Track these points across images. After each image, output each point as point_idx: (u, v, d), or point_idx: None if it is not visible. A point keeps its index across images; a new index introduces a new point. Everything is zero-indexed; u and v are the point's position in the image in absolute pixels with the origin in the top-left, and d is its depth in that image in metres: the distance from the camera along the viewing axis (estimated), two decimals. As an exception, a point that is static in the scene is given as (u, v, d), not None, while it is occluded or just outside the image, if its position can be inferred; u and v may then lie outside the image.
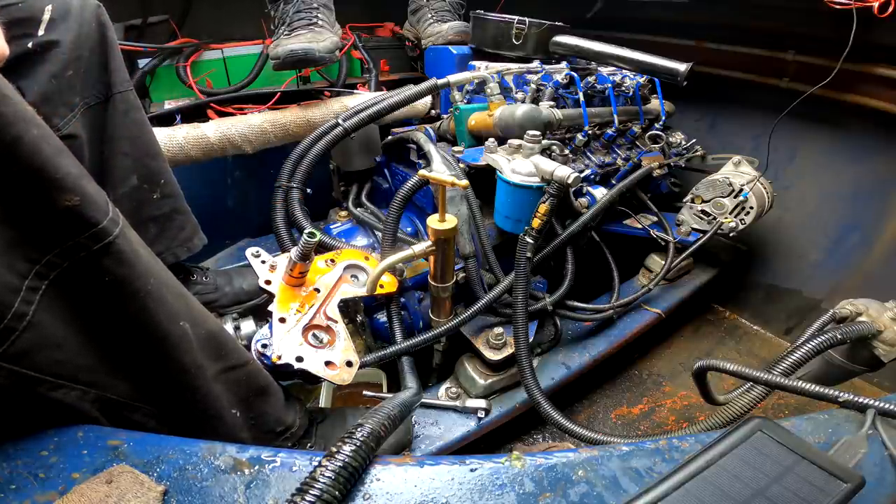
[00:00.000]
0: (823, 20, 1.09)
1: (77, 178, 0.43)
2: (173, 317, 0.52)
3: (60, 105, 0.71)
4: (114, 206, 0.48)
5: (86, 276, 0.46)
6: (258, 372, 0.67)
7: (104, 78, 0.79)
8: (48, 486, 0.44)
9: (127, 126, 0.83)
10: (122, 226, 0.48)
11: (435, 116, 1.45)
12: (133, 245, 0.49)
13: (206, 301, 1.00)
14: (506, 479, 0.48)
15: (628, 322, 1.27)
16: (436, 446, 0.93)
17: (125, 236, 0.48)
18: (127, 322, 0.50)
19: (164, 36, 1.47)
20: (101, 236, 0.45)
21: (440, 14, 1.57)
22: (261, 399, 0.67)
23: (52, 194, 0.42)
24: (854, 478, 0.45)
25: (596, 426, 1.23)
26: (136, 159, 0.85)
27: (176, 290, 0.55)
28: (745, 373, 0.68)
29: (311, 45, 1.20)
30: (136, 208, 0.86)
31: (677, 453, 0.52)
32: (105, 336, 0.49)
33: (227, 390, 0.60)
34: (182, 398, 0.55)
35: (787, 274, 1.53)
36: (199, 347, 0.56)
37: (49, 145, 0.42)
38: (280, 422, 0.71)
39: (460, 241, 0.99)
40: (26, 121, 0.40)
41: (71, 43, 0.71)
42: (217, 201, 1.52)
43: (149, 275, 0.50)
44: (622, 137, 1.35)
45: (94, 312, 0.48)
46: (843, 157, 1.41)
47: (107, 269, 0.46)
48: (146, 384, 0.54)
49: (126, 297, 0.48)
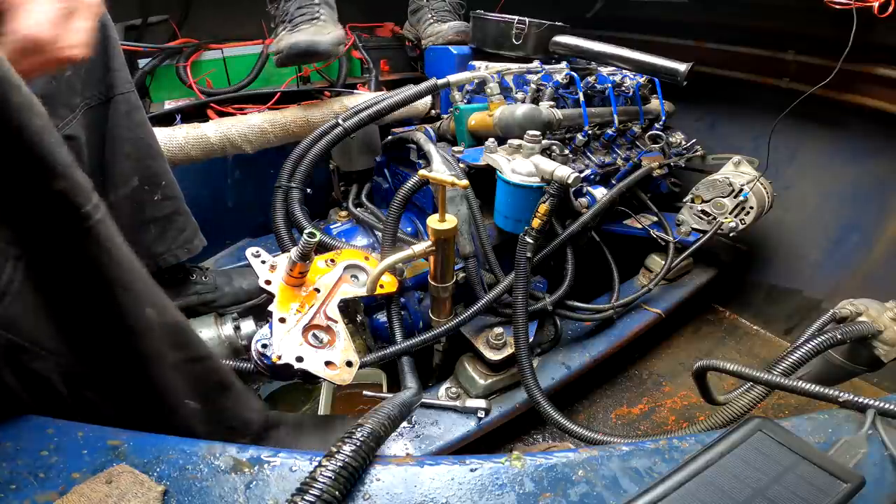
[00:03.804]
0: (823, 20, 1.09)
1: (69, 167, 0.47)
2: (139, 303, 0.55)
3: (60, 106, 0.71)
4: (98, 196, 0.51)
5: (66, 253, 0.49)
6: (219, 368, 0.68)
7: (106, 79, 0.78)
8: (48, 486, 0.44)
9: (129, 127, 0.82)
10: (103, 213, 0.51)
11: (435, 116, 1.45)
12: (110, 231, 0.52)
13: (205, 301, 1.00)
14: (506, 479, 0.48)
15: (628, 322, 1.27)
16: (436, 446, 0.93)
17: (104, 223, 0.50)
18: (97, 302, 0.52)
19: (164, 36, 1.47)
20: (84, 220, 0.48)
21: (440, 14, 1.57)
22: (220, 394, 0.68)
23: (47, 178, 0.45)
24: (854, 478, 0.45)
25: (596, 426, 1.23)
26: (138, 160, 0.84)
27: (145, 280, 0.57)
28: (745, 373, 0.68)
29: (315, 37, 1.16)
30: (138, 209, 0.86)
31: (677, 453, 0.52)
32: (74, 314, 0.52)
33: (184, 381, 0.62)
34: (138, 381, 0.58)
35: (787, 274, 1.53)
36: (161, 335, 0.58)
37: (49, 136, 0.45)
38: (237, 417, 0.71)
39: (460, 241, 0.99)
40: (32, 110, 0.43)
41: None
42: (217, 201, 1.52)
43: (120, 262, 0.53)
44: (622, 137, 1.35)
45: (68, 290, 0.51)
46: (843, 157, 1.41)
47: (86, 249, 0.49)
48: (108, 364, 0.56)
49: (100, 278, 0.51)
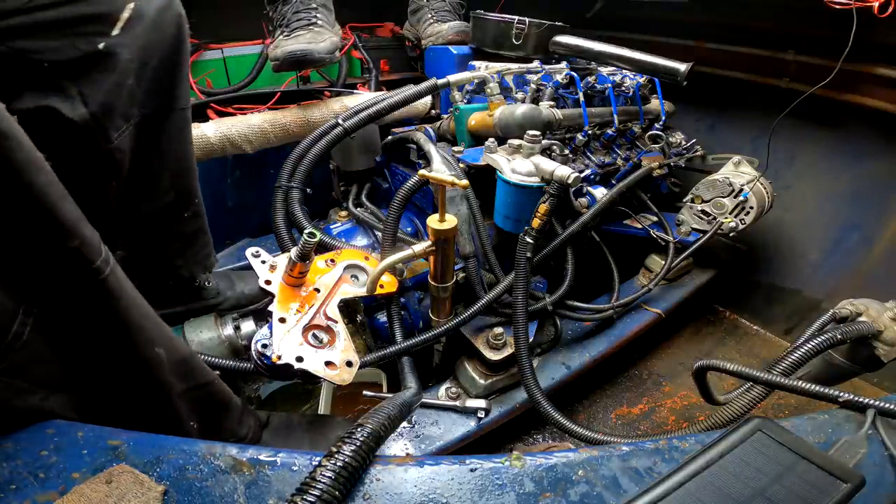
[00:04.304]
0: (823, 20, 1.09)
1: (77, 222, 0.47)
2: (150, 343, 0.57)
3: (118, 116, 0.66)
4: (105, 248, 0.52)
5: (79, 306, 0.51)
6: (220, 390, 0.71)
7: (171, 91, 0.74)
8: (48, 486, 0.44)
9: (180, 142, 0.80)
10: (112, 265, 0.52)
11: (435, 116, 1.45)
12: (120, 281, 0.53)
13: (209, 306, 1.00)
14: (506, 479, 0.48)
15: (628, 322, 1.27)
16: (436, 446, 0.94)
17: (114, 273, 0.52)
18: (110, 347, 0.55)
19: (164, 36, 1.47)
20: (96, 274, 0.49)
21: (440, 14, 1.57)
22: (220, 414, 0.72)
23: (59, 237, 0.46)
24: (854, 478, 0.45)
25: (596, 426, 1.23)
26: (178, 176, 0.83)
27: (154, 320, 0.59)
28: (745, 373, 0.68)
29: (309, 45, 1.19)
30: (167, 223, 0.85)
31: (677, 453, 0.52)
32: (90, 357, 0.55)
33: (188, 406, 0.64)
34: (150, 412, 0.61)
35: (787, 274, 1.53)
36: (170, 370, 0.60)
37: (55, 191, 0.45)
38: (233, 433, 0.74)
39: (460, 241, 0.99)
40: (37, 167, 0.43)
41: (140, 49, 0.65)
42: (217, 201, 1.52)
43: (132, 307, 0.55)
44: (622, 137, 1.35)
45: (83, 337, 0.53)
46: (843, 157, 1.41)
47: (100, 300, 0.51)
48: (121, 397, 0.59)
49: (112, 325, 0.53)
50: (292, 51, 1.18)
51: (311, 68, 1.34)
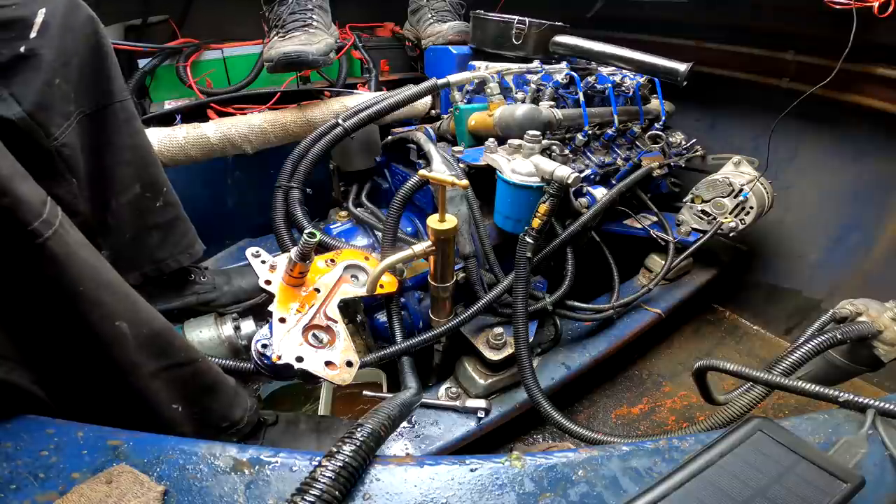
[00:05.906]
0: (823, 20, 1.09)
1: (9, 179, 0.44)
2: (108, 317, 0.54)
3: (57, 115, 0.69)
4: (52, 206, 0.49)
5: (15, 272, 0.47)
6: (206, 370, 0.68)
7: (102, 86, 0.77)
8: (48, 486, 0.44)
9: (129, 134, 0.82)
10: (57, 228, 0.48)
11: (435, 116, 1.45)
12: (69, 247, 0.50)
13: (205, 300, 1.00)
14: (506, 479, 0.48)
15: (628, 322, 1.27)
16: (436, 446, 0.94)
17: (59, 237, 0.49)
18: (57, 319, 0.51)
19: (164, 36, 1.47)
20: (31, 237, 0.46)
21: (440, 14, 1.57)
22: (207, 396, 0.69)
23: None
24: (854, 478, 0.45)
25: (596, 426, 1.24)
26: (139, 168, 0.84)
27: (116, 291, 0.56)
28: (745, 373, 0.68)
29: (304, 47, 1.18)
30: (140, 216, 0.86)
31: (677, 453, 0.52)
32: (36, 329, 0.51)
33: (167, 387, 0.62)
34: (114, 389, 0.57)
35: (787, 274, 1.53)
36: (137, 346, 0.57)
37: None
38: (225, 418, 0.71)
39: (460, 241, 0.99)
40: None
41: (56, 50, 0.68)
42: (217, 201, 1.52)
43: (84, 276, 0.51)
44: (622, 137, 1.35)
45: (24, 307, 0.50)
46: (843, 157, 1.41)
47: (37, 269, 0.48)
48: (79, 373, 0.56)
49: (56, 296, 0.50)
50: (286, 52, 1.17)
51: (304, 70, 1.33)
